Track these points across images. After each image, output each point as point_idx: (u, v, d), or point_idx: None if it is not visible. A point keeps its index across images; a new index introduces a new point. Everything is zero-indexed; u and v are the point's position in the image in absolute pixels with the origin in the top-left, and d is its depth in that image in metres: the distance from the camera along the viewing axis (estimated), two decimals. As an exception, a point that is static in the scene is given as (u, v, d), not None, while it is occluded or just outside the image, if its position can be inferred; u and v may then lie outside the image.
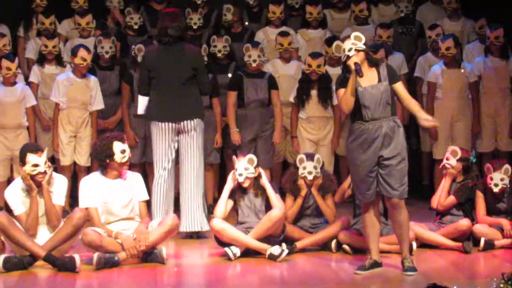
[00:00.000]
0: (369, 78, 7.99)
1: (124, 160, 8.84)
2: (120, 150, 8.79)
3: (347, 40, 7.96)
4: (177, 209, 9.92)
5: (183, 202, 9.82)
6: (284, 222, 8.93)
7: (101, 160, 8.90)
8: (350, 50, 7.87)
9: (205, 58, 10.72)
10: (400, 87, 8.05)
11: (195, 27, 11.77)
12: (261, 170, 9.10)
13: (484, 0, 12.24)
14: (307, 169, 9.13)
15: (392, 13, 12.57)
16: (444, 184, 9.34)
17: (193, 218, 9.75)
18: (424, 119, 7.96)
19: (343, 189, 9.33)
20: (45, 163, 8.71)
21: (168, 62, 9.65)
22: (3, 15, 12.32)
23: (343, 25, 12.33)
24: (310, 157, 9.28)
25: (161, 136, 9.70)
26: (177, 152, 9.88)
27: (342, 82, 8.05)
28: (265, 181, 9.03)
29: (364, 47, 7.94)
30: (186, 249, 9.53)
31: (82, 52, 10.76)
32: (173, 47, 9.73)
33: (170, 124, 9.66)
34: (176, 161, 9.89)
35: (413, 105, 8.03)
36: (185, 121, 9.66)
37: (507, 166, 9.26)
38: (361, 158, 7.99)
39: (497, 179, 9.19)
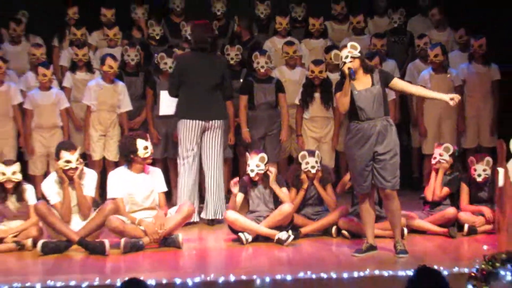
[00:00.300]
0: (364, 83, 8.10)
1: (147, 155, 8.93)
2: (143, 146, 8.88)
3: (344, 49, 8.07)
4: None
5: (207, 192, 9.90)
6: (292, 215, 8.97)
7: (126, 155, 9.01)
8: (346, 57, 7.99)
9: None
10: (398, 82, 8.33)
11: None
12: (271, 170, 9.12)
13: (467, 12, 12.01)
14: (310, 164, 9.19)
15: (385, 24, 12.50)
16: (438, 178, 9.34)
17: (215, 207, 9.84)
18: (448, 99, 8.24)
19: (344, 182, 9.33)
20: (77, 160, 8.85)
21: (201, 68, 9.74)
22: (39, 28, 12.26)
23: (342, 35, 12.25)
24: (311, 153, 9.34)
25: (189, 132, 9.77)
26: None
27: (339, 86, 8.18)
28: (273, 183, 9.07)
29: (359, 55, 8.03)
30: (204, 234, 9.54)
31: (109, 61, 10.72)
32: (206, 55, 9.84)
33: (199, 122, 9.72)
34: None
35: (422, 91, 8.50)
36: (213, 121, 9.78)
37: (488, 158, 9.29)
38: (358, 154, 8.08)
39: (480, 170, 9.23)
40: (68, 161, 8.77)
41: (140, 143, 8.88)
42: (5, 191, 8.95)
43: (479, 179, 9.25)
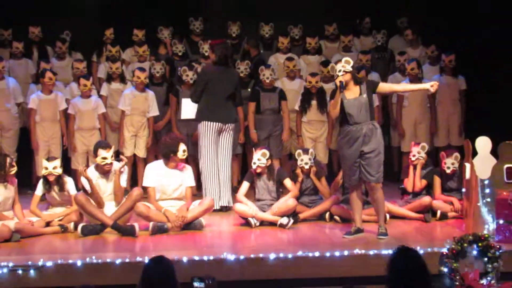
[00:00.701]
0: (353, 92, 8.13)
1: (183, 157, 9.07)
2: (183, 149, 9.00)
3: (339, 63, 8.09)
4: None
5: (221, 184, 9.88)
6: (296, 207, 9.04)
7: (167, 153, 9.02)
8: (339, 71, 8.02)
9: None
10: (384, 85, 8.43)
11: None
12: (287, 183, 9.17)
13: (439, 32, 11.96)
14: (304, 161, 9.27)
15: (370, 43, 12.43)
16: (416, 172, 9.35)
17: (227, 197, 9.87)
18: (429, 87, 8.24)
19: (337, 182, 9.38)
20: (112, 157, 8.88)
21: (221, 79, 9.80)
22: (80, 46, 12.20)
23: (334, 52, 12.25)
24: (305, 151, 9.40)
25: (210, 132, 9.77)
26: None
27: (333, 94, 8.33)
28: (287, 183, 9.19)
29: (350, 69, 8.04)
30: (217, 219, 9.46)
31: (137, 72, 10.79)
32: (225, 69, 9.87)
33: (217, 124, 9.75)
34: None
35: (406, 86, 8.69)
36: (228, 124, 9.83)
37: (456, 154, 9.32)
38: (348, 152, 8.16)
39: (449, 163, 9.24)
40: (104, 158, 8.81)
41: (182, 147, 9.00)
42: (49, 183, 8.95)
43: (448, 171, 9.24)
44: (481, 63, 11.38)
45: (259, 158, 9.03)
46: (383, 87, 8.32)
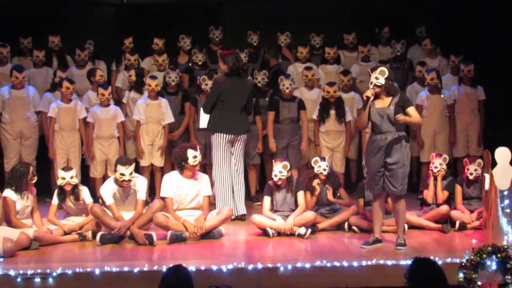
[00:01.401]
0: (383, 102, 8.11)
1: (195, 163, 9.00)
2: (192, 156, 8.94)
3: (374, 72, 8.09)
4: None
5: (236, 192, 9.87)
6: (315, 219, 9.04)
7: (179, 163, 9.03)
8: (371, 83, 8.04)
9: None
10: (411, 111, 8.10)
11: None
12: (299, 196, 9.14)
13: (457, 41, 11.94)
14: (322, 167, 9.27)
15: (389, 52, 12.44)
16: (438, 184, 9.35)
17: (241, 206, 9.85)
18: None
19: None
20: (130, 173, 8.84)
21: (234, 90, 9.77)
22: (101, 54, 12.25)
23: (352, 61, 12.28)
24: (322, 159, 9.44)
25: (223, 144, 9.76)
26: None
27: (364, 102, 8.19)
28: (300, 196, 9.14)
29: (383, 82, 7.99)
30: (235, 229, 9.44)
31: (148, 80, 10.81)
32: (238, 79, 9.88)
33: (231, 136, 9.75)
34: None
35: (412, 119, 8.09)
36: (240, 135, 9.81)
37: (479, 160, 9.22)
38: (372, 160, 8.17)
39: (472, 169, 9.23)
40: (122, 174, 8.78)
41: (190, 153, 8.94)
42: (65, 193, 8.99)
43: (471, 177, 9.23)
44: (501, 73, 11.32)
45: (281, 171, 9.01)
46: (409, 112, 8.04)
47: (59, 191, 9.01)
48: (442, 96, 11.13)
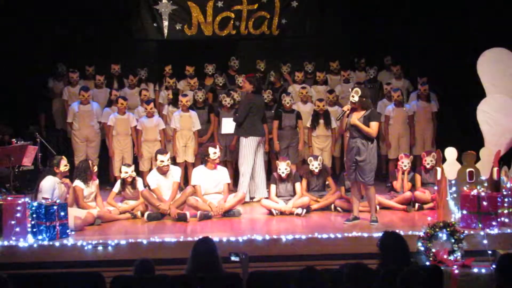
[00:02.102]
0: (358, 115, 8.09)
1: (215, 157, 9.04)
2: (213, 152, 9.00)
3: (352, 91, 8.10)
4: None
5: (260, 182, 9.88)
6: (309, 202, 9.03)
7: (203, 158, 9.14)
8: (350, 99, 8.08)
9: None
10: (372, 124, 8.01)
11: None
12: (296, 186, 9.17)
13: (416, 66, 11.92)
14: (314, 166, 9.27)
15: (363, 76, 12.35)
16: (405, 178, 9.34)
17: (263, 190, 9.83)
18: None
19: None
20: (168, 160, 8.92)
21: (259, 104, 9.91)
22: (149, 78, 12.19)
23: (336, 83, 12.18)
24: (315, 158, 9.38)
25: (253, 145, 9.73)
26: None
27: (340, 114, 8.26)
28: (297, 187, 9.16)
29: (356, 100, 8.00)
30: (248, 209, 9.41)
31: (180, 98, 10.75)
32: (260, 96, 10.07)
33: (258, 138, 9.79)
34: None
35: (363, 127, 7.98)
36: (263, 137, 9.96)
37: (434, 153, 9.20)
38: (347, 157, 8.22)
39: (428, 160, 9.24)
40: (162, 161, 8.87)
41: (211, 150, 9.02)
42: (125, 183, 9.02)
43: (427, 166, 9.24)
44: (450, 91, 11.28)
45: (286, 168, 9.07)
46: (371, 125, 7.95)
47: (122, 182, 9.03)
48: (404, 109, 11.04)
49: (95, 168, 8.88)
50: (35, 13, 11.89)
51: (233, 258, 5.47)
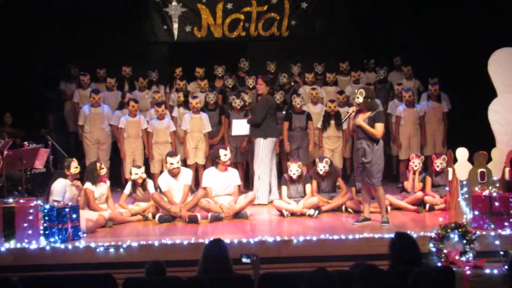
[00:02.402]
0: (363, 116, 8.04)
1: (226, 159, 9.03)
2: (223, 154, 8.99)
3: (357, 93, 8.10)
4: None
5: (273, 183, 9.90)
6: (319, 202, 9.02)
7: (214, 160, 9.13)
8: (355, 100, 8.09)
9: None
10: (377, 125, 7.99)
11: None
12: (307, 188, 9.14)
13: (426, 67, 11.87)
14: (319, 167, 9.24)
15: (373, 77, 12.34)
16: (416, 178, 9.24)
17: (276, 192, 9.81)
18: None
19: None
20: (178, 162, 8.92)
21: (275, 105, 10.02)
22: (160, 80, 12.18)
23: (346, 84, 12.16)
24: (321, 159, 9.35)
25: (271, 146, 9.80)
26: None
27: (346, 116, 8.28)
28: (307, 188, 9.13)
29: (361, 101, 8.00)
30: (259, 211, 9.39)
31: (191, 100, 10.76)
32: (273, 97, 10.19)
33: (276, 139, 9.90)
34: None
35: (368, 128, 7.96)
36: (278, 138, 10.03)
37: (444, 156, 9.17)
38: (355, 159, 8.25)
39: (438, 163, 9.16)
40: (171, 163, 8.87)
41: (222, 152, 9.02)
42: (136, 185, 9.04)
43: (437, 169, 9.15)
44: (463, 91, 11.23)
45: (297, 169, 9.06)
46: (376, 126, 7.93)
47: (132, 183, 9.05)
48: (415, 109, 11.01)
49: (104, 170, 8.88)
50: (45, 15, 11.98)
51: (244, 260, 5.46)
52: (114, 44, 12.44)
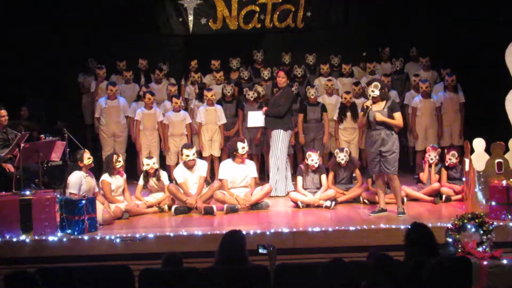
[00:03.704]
0: (379, 106, 8.06)
1: (243, 152, 9.04)
2: (241, 147, 9.00)
3: (370, 86, 8.09)
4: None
5: (288, 175, 9.90)
6: (335, 194, 9.00)
7: (231, 152, 9.10)
8: (369, 95, 8.06)
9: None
10: (396, 115, 8.00)
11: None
12: (322, 178, 9.16)
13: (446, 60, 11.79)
14: (341, 157, 9.20)
15: (390, 67, 12.27)
16: (432, 170, 9.23)
17: (290, 184, 9.83)
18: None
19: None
20: (193, 154, 8.94)
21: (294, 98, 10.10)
22: (173, 73, 12.21)
23: (363, 75, 12.12)
24: (341, 150, 9.34)
25: (289, 139, 9.82)
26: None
27: (362, 107, 8.16)
28: (323, 179, 9.15)
29: (378, 94, 7.99)
30: (275, 202, 9.35)
31: (205, 92, 10.78)
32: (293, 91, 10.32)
33: (292, 131, 9.97)
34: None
35: (390, 121, 7.96)
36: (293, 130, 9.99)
37: (453, 151, 9.28)
38: (370, 150, 8.14)
39: (447, 158, 9.20)
40: (187, 155, 8.89)
41: (240, 145, 9.01)
42: (148, 175, 9.08)
43: (449, 163, 9.16)
44: (479, 82, 11.14)
45: (317, 159, 9.09)
46: (395, 116, 7.97)
47: (145, 174, 9.08)
48: (432, 100, 10.95)
49: (120, 162, 8.88)
50: (63, 8, 12.05)
51: (261, 251, 5.46)
52: (130, 37, 12.47)
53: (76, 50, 12.14)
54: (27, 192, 7.78)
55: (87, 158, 8.47)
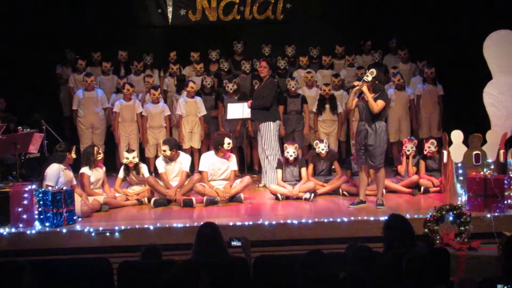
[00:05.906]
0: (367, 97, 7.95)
1: (228, 148, 9.00)
2: (227, 142, 8.95)
3: (368, 72, 8.01)
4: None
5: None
6: (315, 186, 9.00)
7: (216, 145, 9.01)
8: (362, 80, 7.94)
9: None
10: (378, 101, 7.90)
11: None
12: (302, 171, 9.12)
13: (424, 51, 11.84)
14: (321, 148, 9.20)
15: (369, 60, 12.31)
16: (409, 162, 9.29)
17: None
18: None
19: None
20: (170, 150, 8.90)
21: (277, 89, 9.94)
22: (154, 65, 12.16)
23: (341, 67, 12.17)
24: (321, 141, 9.34)
25: (277, 130, 9.66)
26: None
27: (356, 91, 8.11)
28: (303, 172, 9.12)
29: (369, 80, 7.88)
30: (255, 194, 9.39)
31: (191, 84, 10.73)
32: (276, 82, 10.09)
33: (280, 122, 9.83)
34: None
35: (369, 97, 7.88)
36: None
37: (432, 140, 9.37)
38: (357, 141, 8.13)
39: (427, 147, 9.26)
40: (164, 150, 8.88)
41: (226, 140, 8.95)
42: (129, 169, 9.04)
43: (426, 153, 9.25)
44: (457, 74, 11.22)
45: (294, 151, 9.03)
46: (377, 102, 7.85)
47: (125, 168, 9.04)
48: (406, 92, 11.08)
49: (100, 155, 8.85)
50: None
51: (233, 243, 5.45)
52: (108, 28, 12.38)
53: (54, 40, 12.01)
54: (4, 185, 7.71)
55: (74, 152, 8.40)
